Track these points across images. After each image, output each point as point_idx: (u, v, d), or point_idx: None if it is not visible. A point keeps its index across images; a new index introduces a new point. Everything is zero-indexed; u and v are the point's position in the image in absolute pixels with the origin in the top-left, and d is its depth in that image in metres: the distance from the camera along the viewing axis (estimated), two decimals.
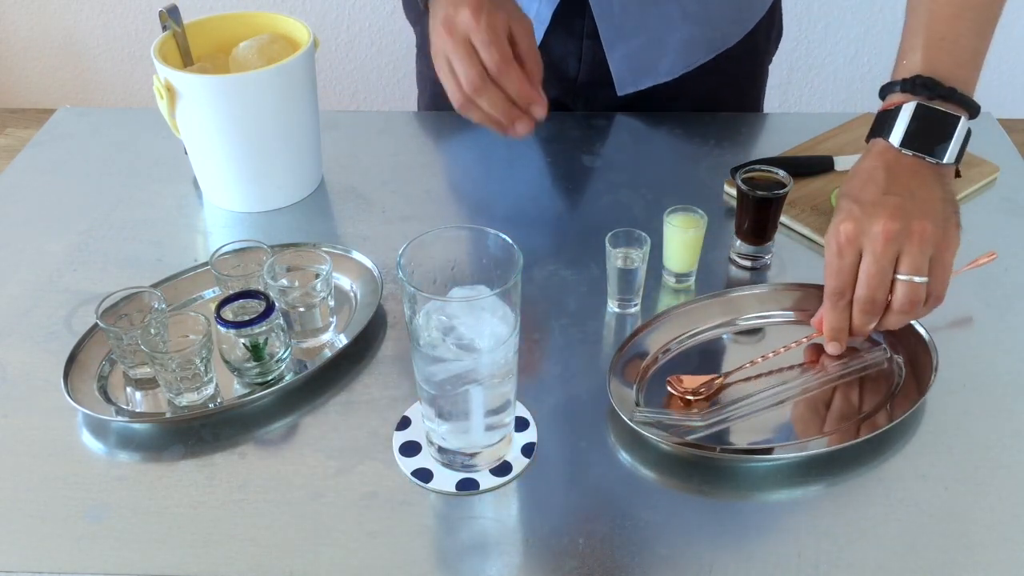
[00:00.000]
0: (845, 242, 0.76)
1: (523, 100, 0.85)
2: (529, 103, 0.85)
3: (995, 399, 0.80)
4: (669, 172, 1.09)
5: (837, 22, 2.55)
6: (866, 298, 0.76)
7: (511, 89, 0.84)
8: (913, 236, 0.74)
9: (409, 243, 0.68)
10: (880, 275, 0.75)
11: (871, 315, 0.77)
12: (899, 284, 0.75)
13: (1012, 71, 2.62)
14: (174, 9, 0.99)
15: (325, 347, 0.85)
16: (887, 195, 0.76)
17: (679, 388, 0.79)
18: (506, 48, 0.83)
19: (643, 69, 1.12)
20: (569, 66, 1.13)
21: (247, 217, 1.03)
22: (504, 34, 0.84)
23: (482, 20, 0.83)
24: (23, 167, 1.12)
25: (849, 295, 0.77)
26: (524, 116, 0.86)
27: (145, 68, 2.72)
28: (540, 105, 0.85)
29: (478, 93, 0.84)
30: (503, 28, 0.84)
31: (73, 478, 0.74)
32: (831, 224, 0.77)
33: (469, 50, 0.83)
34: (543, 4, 1.07)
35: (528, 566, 0.68)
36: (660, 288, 0.92)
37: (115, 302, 0.81)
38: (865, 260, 0.75)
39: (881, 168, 0.78)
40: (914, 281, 0.75)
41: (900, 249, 0.75)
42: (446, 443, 0.73)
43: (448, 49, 0.84)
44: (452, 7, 0.84)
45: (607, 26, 1.07)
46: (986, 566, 0.67)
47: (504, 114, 0.85)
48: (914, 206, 0.75)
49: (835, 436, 0.75)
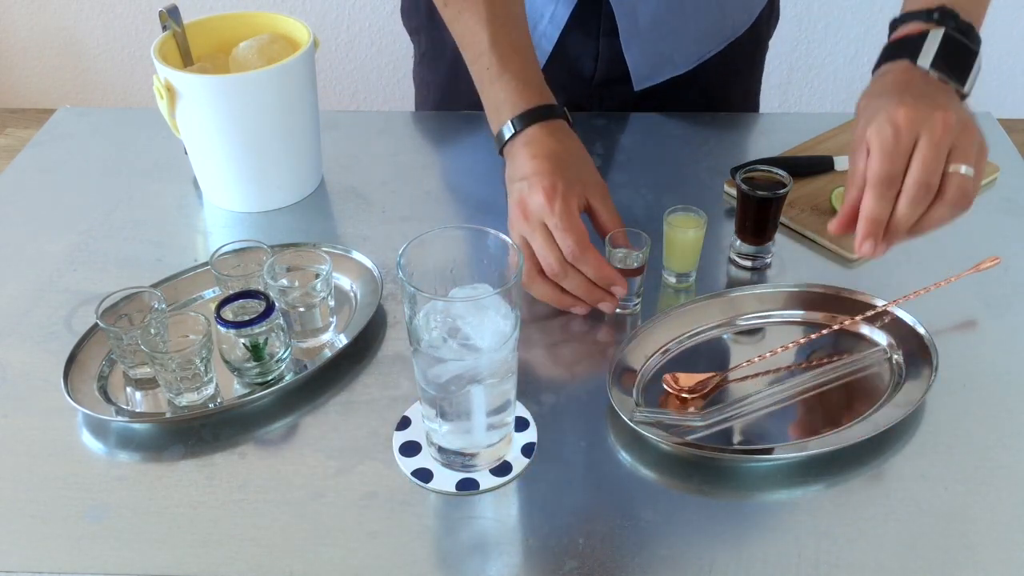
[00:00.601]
0: (905, 125, 0.73)
1: (603, 281, 0.84)
2: (609, 283, 0.84)
3: (995, 399, 0.80)
4: (669, 172, 1.09)
5: (837, 22, 2.55)
6: (920, 183, 0.73)
7: (590, 273, 0.84)
8: (966, 131, 0.74)
9: (409, 243, 0.68)
10: (937, 161, 0.73)
11: (921, 204, 0.74)
12: (953, 175, 0.73)
13: (1012, 71, 2.62)
14: (174, 9, 0.99)
15: (325, 347, 0.85)
16: (937, 93, 0.76)
17: (675, 386, 0.79)
18: (582, 231, 0.83)
19: (660, 62, 1.13)
20: (585, 66, 1.13)
21: (247, 217, 1.03)
22: (578, 215, 0.85)
23: (556, 205, 0.83)
24: (23, 167, 1.12)
25: (899, 182, 0.73)
26: (607, 296, 0.85)
27: (145, 68, 2.72)
28: (621, 285, 0.85)
29: (558, 278, 0.84)
30: (578, 208, 0.85)
31: (73, 478, 0.74)
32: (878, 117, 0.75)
33: (546, 235, 0.83)
34: (560, 5, 1.07)
35: (528, 566, 0.68)
36: (660, 288, 0.92)
37: (115, 302, 0.81)
38: (923, 145, 0.73)
39: (917, 79, 0.78)
40: (967, 174, 0.73)
41: (954, 141, 0.73)
42: (446, 443, 0.73)
43: (525, 232, 0.85)
44: (527, 187, 0.84)
45: (627, 23, 1.07)
46: (986, 566, 0.67)
47: (586, 295, 0.85)
48: (957, 107, 0.76)
49: (835, 436, 0.75)
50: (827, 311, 0.87)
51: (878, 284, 0.91)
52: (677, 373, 0.80)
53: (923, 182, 0.73)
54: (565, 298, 0.86)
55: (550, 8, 1.07)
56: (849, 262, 0.94)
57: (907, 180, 0.74)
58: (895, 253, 0.95)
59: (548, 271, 0.84)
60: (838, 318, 0.86)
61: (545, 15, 1.08)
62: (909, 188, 0.74)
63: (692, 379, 0.80)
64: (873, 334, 0.85)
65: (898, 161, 0.74)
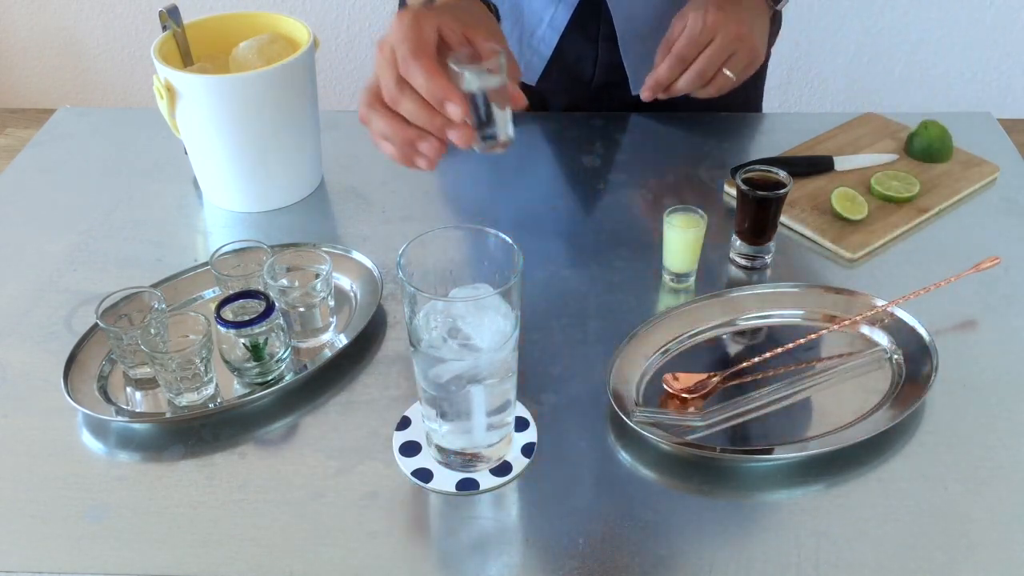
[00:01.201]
0: (711, 26, 0.98)
1: (433, 96, 0.72)
2: (441, 100, 0.72)
3: (995, 399, 0.79)
4: (669, 172, 1.09)
5: (837, 22, 2.55)
6: (699, 71, 0.99)
7: (419, 84, 0.72)
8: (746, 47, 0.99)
9: (409, 243, 0.68)
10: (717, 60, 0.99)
11: (694, 86, 1.00)
12: (720, 75, 1.00)
13: (1012, 71, 2.62)
14: (174, 9, 0.99)
15: (325, 347, 0.85)
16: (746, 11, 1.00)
17: (674, 386, 0.79)
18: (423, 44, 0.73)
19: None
20: (584, 70, 1.13)
21: (247, 217, 1.03)
22: (430, 36, 0.74)
23: (404, 21, 0.74)
24: (23, 167, 1.12)
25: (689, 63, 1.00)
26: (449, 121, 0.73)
27: (145, 68, 2.72)
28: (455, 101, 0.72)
29: (394, 102, 0.74)
30: (433, 29, 0.75)
31: (73, 478, 0.74)
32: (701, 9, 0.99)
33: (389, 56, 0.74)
34: (560, 9, 1.07)
35: (528, 566, 0.68)
36: (660, 288, 0.92)
37: (115, 302, 0.81)
38: (713, 44, 0.98)
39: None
40: (731, 77, 1.00)
41: (735, 50, 0.98)
42: (446, 443, 0.73)
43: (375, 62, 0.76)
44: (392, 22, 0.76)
45: (625, 28, 1.08)
46: (986, 566, 0.67)
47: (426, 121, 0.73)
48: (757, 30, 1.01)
49: (835, 436, 0.75)
50: (827, 311, 0.87)
51: (878, 284, 0.91)
52: (677, 373, 0.80)
53: (700, 71, 0.99)
54: (407, 130, 0.74)
55: (549, 12, 1.07)
56: (849, 262, 0.94)
57: (692, 66, 0.99)
58: (895, 253, 0.95)
59: (385, 94, 0.74)
60: (838, 318, 0.86)
61: (544, 19, 1.08)
62: (690, 72, 1.00)
63: (692, 379, 0.80)
64: (873, 334, 0.85)
65: (693, 49, 0.99)
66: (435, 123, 0.73)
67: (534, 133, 1.16)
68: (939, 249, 0.95)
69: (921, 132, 1.07)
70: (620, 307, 0.89)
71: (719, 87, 1.01)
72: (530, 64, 1.12)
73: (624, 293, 0.91)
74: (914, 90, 2.67)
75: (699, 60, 0.99)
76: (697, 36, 0.99)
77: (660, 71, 1.01)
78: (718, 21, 0.98)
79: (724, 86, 1.01)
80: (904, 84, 2.66)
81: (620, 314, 0.88)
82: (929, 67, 2.62)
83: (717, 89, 1.01)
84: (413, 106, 0.73)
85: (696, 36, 0.99)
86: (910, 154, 1.08)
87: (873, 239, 0.96)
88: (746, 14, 1.00)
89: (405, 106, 0.73)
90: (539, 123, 1.17)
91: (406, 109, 0.74)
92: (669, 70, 1.01)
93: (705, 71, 0.99)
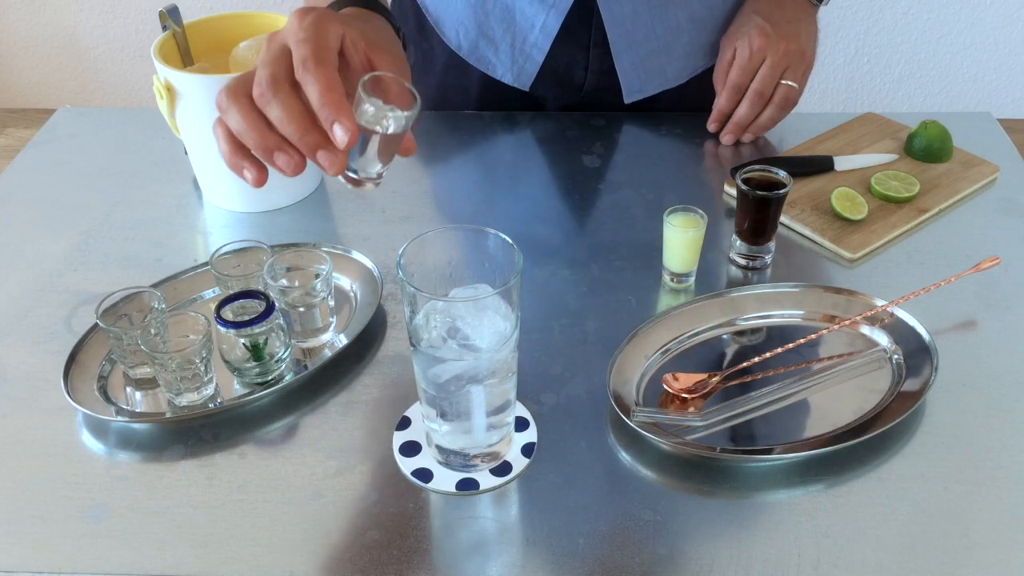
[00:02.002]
0: (757, 50, 1.05)
1: (326, 108, 0.63)
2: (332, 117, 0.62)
3: (995, 399, 0.80)
4: (669, 172, 1.09)
5: (837, 22, 2.56)
6: (757, 91, 1.06)
7: (314, 90, 0.63)
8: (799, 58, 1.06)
9: (409, 243, 0.68)
10: (772, 78, 1.06)
11: (756, 107, 1.07)
12: (781, 86, 1.07)
13: (1012, 71, 2.62)
14: (174, 9, 0.99)
15: (325, 347, 0.85)
16: (789, 23, 1.06)
17: (674, 386, 0.79)
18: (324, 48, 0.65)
19: (650, 75, 1.13)
20: (576, 75, 1.13)
21: (247, 217, 1.03)
22: (331, 41, 0.66)
23: (306, 21, 0.66)
24: (23, 167, 1.12)
25: (745, 89, 1.07)
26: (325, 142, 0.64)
27: (145, 68, 2.72)
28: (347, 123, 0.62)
29: (264, 100, 0.64)
30: (335, 38, 0.67)
31: (73, 478, 0.74)
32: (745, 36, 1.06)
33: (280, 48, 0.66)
34: (551, 15, 1.07)
35: (528, 566, 0.68)
36: (660, 288, 0.92)
37: (115, 302, 0.81)
38: (765, 65, 1.05)
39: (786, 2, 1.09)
40: (792, 85, 1.07)
41: (789, 64, 1.06)
42: (446, 443, 0.73)
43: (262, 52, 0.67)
44: None
45: (617, 34, 1.08)
46: (986, 566, 0.67)
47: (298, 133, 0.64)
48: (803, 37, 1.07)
49: (835, 436, 0.75)
50: (827, 311, 0.87)
51: (878, 284, 0.91)
52: (677, 373, 0.80)
53: (758, 91, 1.07)
54: (269, 136, 0.65)
55: (541, 18, 1.07)
56: (849, 262, 0.94)
57: (748, 89, 1.07)
58: (895, 253, 0.95)
59: (256, 89, 0.64)
60: (838, 318, 0.86)
61: (536, 25, 1.08)
62: (749, 95, 1.07)
63: (692, 379, 0.80)
64: (873, 334, 0.85)
65: (746, 76, 1.07)
66: (307, 140, 0.64)
67: (534, 133, 1.16)
68: (939, 249, 0.95)
69: (921, 132, 1.07)
70: (620, 307, 0.89)
71: (783, 99, 1.07)
72: (523, 70, 1.13)
73: (624, 293, 0.91)
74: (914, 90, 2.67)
75: (754, 83, 1.06)
76: (747, 63, 1.05)
77: (720, 102, 1.09)
78: (764, 45, 1.04)
79: (789, 97, 1.07)
80: (904, 84, 2.66)
81: (620, 314, 0.88)
82: (929, 67, 2.63)
83: (782, 103, 1.07)
84: (285, 113, 0.64)
85: (746, 64, 1.05)
86: (910, 154, 1.08)
87: (873, 239, 0.96)
88: (790, 26, 1.06)
89: (275, 111, 0.64)
90: (539, 123, 1.17)
91: (275, 114, 0.64)
92: (728, 100, 1.08)
93: (762, 91, 1.06)
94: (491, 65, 1.14)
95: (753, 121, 1.09)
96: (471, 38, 1.12)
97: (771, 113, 1.08)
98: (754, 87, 1.06)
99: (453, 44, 1.14)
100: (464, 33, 1.12)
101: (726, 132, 1.10)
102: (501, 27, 1.10)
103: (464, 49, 1.13)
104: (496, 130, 1.16)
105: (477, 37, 1.12)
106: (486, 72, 1.14)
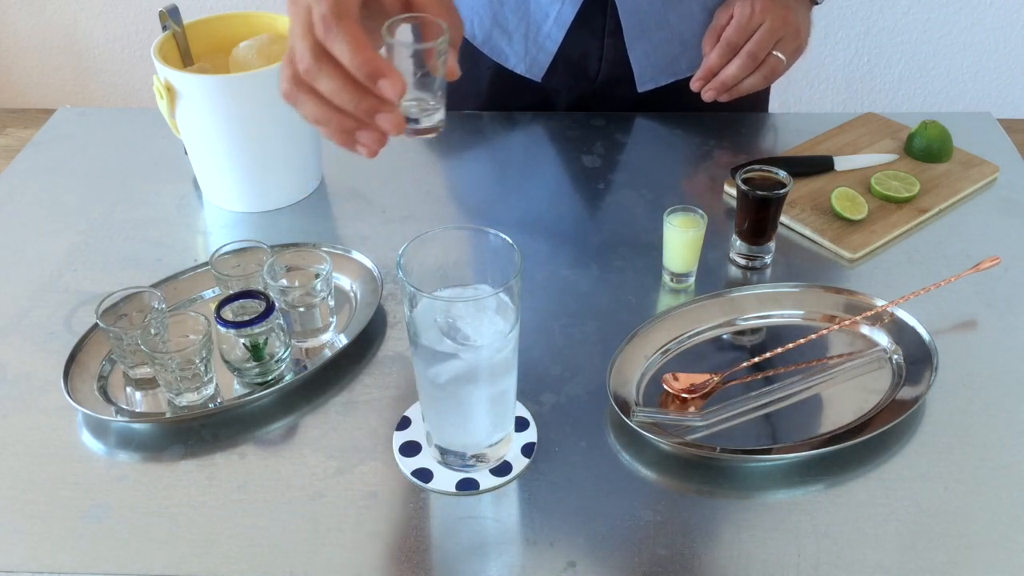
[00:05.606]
0: (759, 12, 1.02)
1: (361, 70, 0.60)
2: (372, 75, 0.60)
3: (995, 399, 0.80)
4: (669, 172, 1.09)
5: (837, 22, 2.56)
6: (750, 52, 1.03)
7: (343, 54, 0.60)
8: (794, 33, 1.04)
9: (409, 243, 0.68)
10: (768, 42, 1.03)
11: (745, 69, 1.03)
12: (771, 56, 1.04)
13: (1012, 71, 2.62)
14: (174, 9, 0.99)
15: (325, 347, 0.85)
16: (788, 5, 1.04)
17: (674, 386, 0.79)
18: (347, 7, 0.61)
19: (663, 65, 1.12)
20: (589, 65, 1.13)
21: (247, 217, 1.03)
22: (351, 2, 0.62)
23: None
24: (23, 167, 1.12)
25: (739, 49, 1.03)
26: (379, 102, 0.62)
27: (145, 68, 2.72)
28: (390, 78, 0.60)
29: (311, 75, 0.62)
30: None
31: (73, 478, 0.74)
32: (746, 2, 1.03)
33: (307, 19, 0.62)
34: (566, 5, 1.07)
35: (528, 566, 0.68)
36: (660, 288, 0.92)
37: (115, 302, 0.81)
38: (763, 29, 1.02)
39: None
40: (781, 59, 1.04)
41: (783, 35, 1.03)
42: (446, 443, 0.73)
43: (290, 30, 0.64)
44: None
45: (631, 23, 1.08)
46: (986, 566, 0.67)
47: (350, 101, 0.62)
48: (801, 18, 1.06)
49: (835, 436, 0.75)
50: (827, 311, 0.87)
51: (878, 284, 0.91)
52: (677, 373, 0.80)
53: (752, 53, 1.03)
54: (344, 119, 0.63)
55: (556, 7, 1.07)
56: (849, 262, 0.94)
57: (742, 49, 1.03)
58: (895, 253, 0.95)
59: (300, 67, 0.62)
60: (838, 318, 0.86)
61: (551, 14, 1.08)
62: (740, 56, 1.03)
63: (692, 379, 0.80)
64: (873, 334, 0.85)
65: (742, 36, 1.03)
66: (362, 106, 0.62)
67: (535, 133, 1.16)
68: (939, 249, 0.95)
69: (921, 132, 1.07)
70: (620, 307, 0.89)
71: (770, 70, 1.04)
72: (535, 60, 1.12)
73: (624, 293, 0.91)
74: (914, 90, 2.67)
75: (750, 43, 1.02)
76: (745, 23, 1.02)
77: (710, 59, 1.04)
78: (766, 7, 1.02)
79: (776, 69, 1.04)
80: (904, 84, 2.66)
81: (620, 314, 0.88)
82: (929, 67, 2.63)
83: (768, 74, 1.04)
84: (334, 84, 0.61)
85: (744, 23, 1.02)
86: (910, 154, 1.08)
87: (873, 239, 0.96)
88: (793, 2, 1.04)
89: (324, 84, 0.62)
90: (540, 123, 1.17)
91: (326, 88, 0.62)
92: (719, 57, 1.04)
93: (756, 53, 1.02)
94: (504, 55, 1.13)
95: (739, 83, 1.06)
96: (485, 28, 1.12)
97: (754, 81, 1.05)
98: (748, 48, 1.03)
99: (467, 34, 1.13)
100: (479, 23, 1.12)
101: (709, 88, 1.06)
102: (515, 17, 1.10)
103: (478, 39, 1.13)
104: (496, 130, 1.16)
105: (491, 27, 1.12)
106: (499, 62, 1.14)
